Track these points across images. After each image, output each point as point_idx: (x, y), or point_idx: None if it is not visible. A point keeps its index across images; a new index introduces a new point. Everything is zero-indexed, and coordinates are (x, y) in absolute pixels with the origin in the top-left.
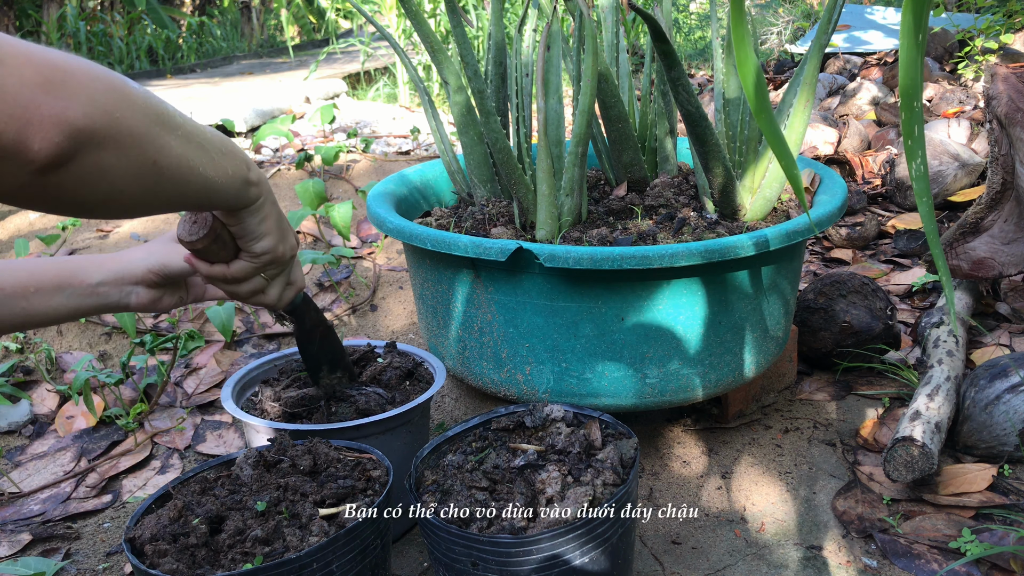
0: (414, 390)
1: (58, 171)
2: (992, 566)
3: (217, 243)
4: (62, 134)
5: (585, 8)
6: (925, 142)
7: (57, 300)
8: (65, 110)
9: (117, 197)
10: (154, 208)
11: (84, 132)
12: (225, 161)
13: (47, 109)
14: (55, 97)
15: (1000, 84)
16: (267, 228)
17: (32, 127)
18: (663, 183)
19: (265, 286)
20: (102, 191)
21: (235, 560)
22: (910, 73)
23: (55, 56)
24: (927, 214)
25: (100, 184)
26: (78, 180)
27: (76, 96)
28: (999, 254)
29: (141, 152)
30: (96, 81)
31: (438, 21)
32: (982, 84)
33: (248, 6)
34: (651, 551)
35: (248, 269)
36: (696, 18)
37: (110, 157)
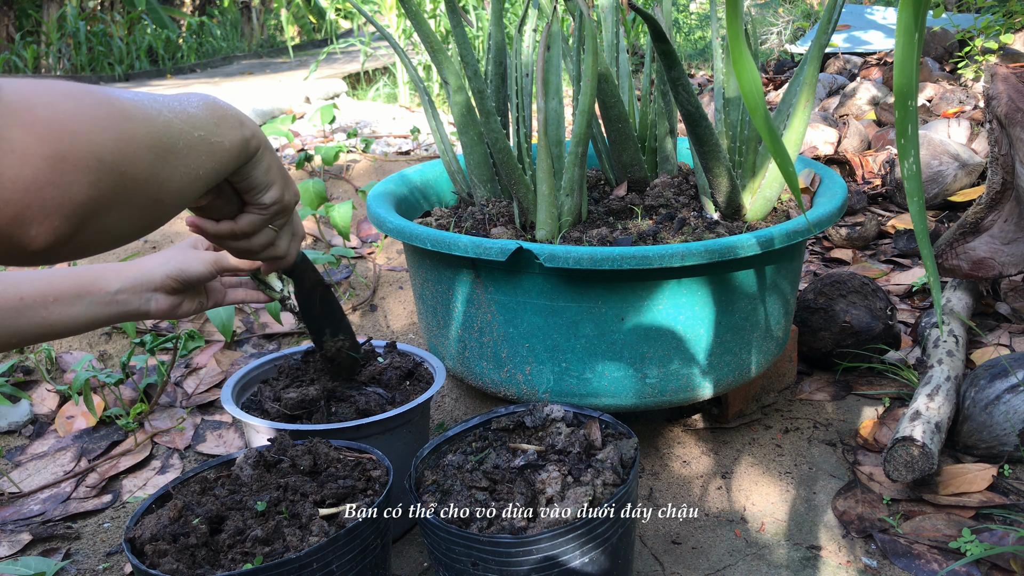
0: (414, 390)
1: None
2: (992, 566)
3: (220, 197)
4: (64, 217)
5: (585, 8)
6: (919, 142)
7: (77, 309)
8: (71, 187)
9: (115, 242)
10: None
11: (89, 205)
12: (222, 135)
13: (51, 191)
14: (62, 173)
15: (1000, 84)
16: (272, 177)
17: (32, 211)
18: (663, 183)
19: (275, 238)
20: (103, 246)
21: (235, 560)
22: (905, 72)
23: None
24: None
25: (101, 242)
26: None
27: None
28: (999, 254)
29: (146, 196)
30: (105, 133)
31: (438, 21)
32: (982, 84)
33: (248, 6)
34: (651, 551)
35: (257, 221)
36: (696, 18)
37: (113, 216)
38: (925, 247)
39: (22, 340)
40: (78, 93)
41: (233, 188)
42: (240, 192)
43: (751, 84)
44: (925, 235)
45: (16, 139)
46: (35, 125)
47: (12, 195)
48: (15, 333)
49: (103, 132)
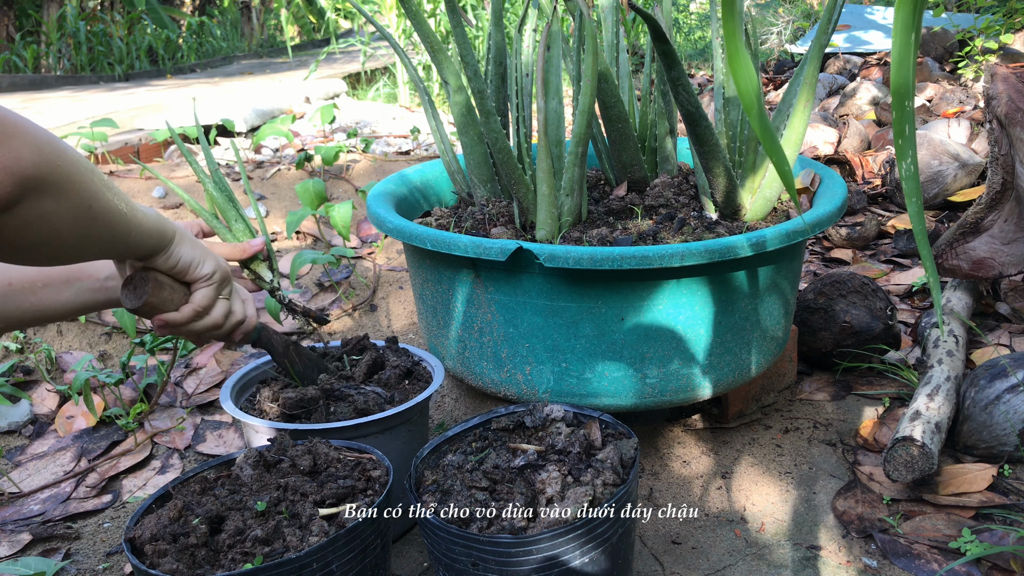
0: (413, 389)
1: (2, 214)
2: (992, 566)
3: (165, 289)
4: (13, 179)
5: (585, 8)
6: (919, 142)
7: (66, 295)
8: (17, 159)
9: (54, 240)
10: (87, 253)
11: (31, 179)
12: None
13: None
14: (7, 148)
15: (1000, 84)
16: (199, 251)
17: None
18: (663, 183)
19: (229, 307)
20: (41, 235)
21: (235, 560)
22: (902, 71)
23: (5, 111)
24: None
25: (40, 228)
26: (21, 224)
27: (26, 146)
28: (999, 254)
29: (78, 197)
30: (40, 132)
31: (438, 21)
32: (982, 84)
33: (248, 6)
34: (651, 551)
35: (210, 293)
36: (696, 18)
37: (51, 203)
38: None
39: (10, 325)
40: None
41: (173, 278)
42: (178, 276)
43: (747, 83)
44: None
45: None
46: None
47: None
48: (2, 318)
49: (41, 132)
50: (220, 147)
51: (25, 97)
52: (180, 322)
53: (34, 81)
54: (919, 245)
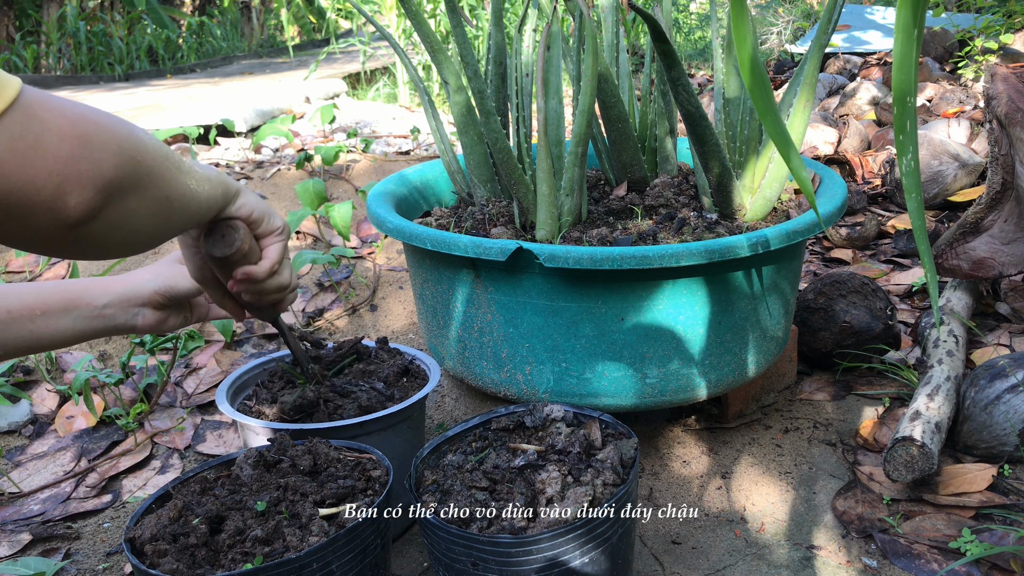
0: (411, 387)
1: (91, 223)
2: (992, 566)
3: (249, 238)
4: (96, 188)
5: (585, 8)
6: (920, 141)
7: (64, 323)
8: (100, 164)
9: (135, 236)
10: (162, 240)
11: (114, 182)
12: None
13: (84, 164)
14: (91, 150)
15: (1000, 84)
16: (266, 205)
17: (70, 182)
18: (663, 183)
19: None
20: (124, 233)
21: (235, 560)
22: (904, 69)
23: (82, 108)
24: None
25: (124, 227)
26: (107, 227)
27: (108, 146)
28: (999, 254)
29: (158, 190)
30: (120, 128)
31: (438, 21)
32: (982, 84)
33: (248, 6)
34: (651, 551)
35: (282, 248)
36: (696, 18)
37: (133, 201)
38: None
39: (8, 353)
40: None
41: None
42: (254, 226)
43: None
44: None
45: (53, 122)
46: (65, 113)
47: (55, 166)
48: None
49: (118, 126)
50: (220, 147)
51: None
52: (261, 277)
53: (34, 81)
54: (918, 241)
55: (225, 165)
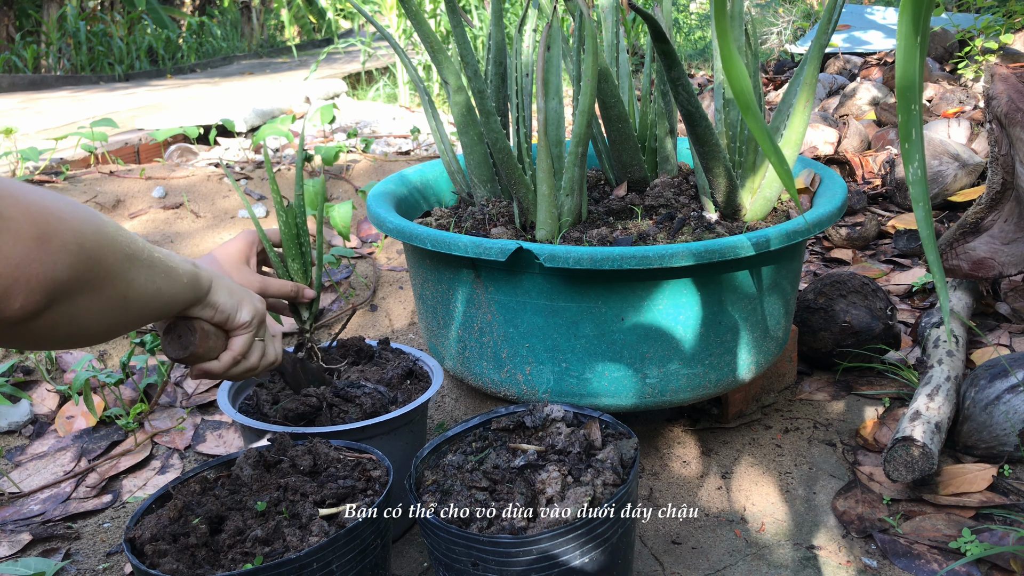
0: (415, 389)
1: (30, 322)
2: (992, 566)
3: (210, 338)
4: (44, 291)
5: (585, 8)
6: (924, 145)
7: None
8: (55, 266)
9: (82, 334)
10: (114, 335)
11: (66, 284)
12: (175, 263)
13: (37, 267)
14: (47, 252)
15: (1000, 84)
16: (237, 296)
17: (18, 285)
18: (663, 183)
19: (263, 348)
20: (71, 331)
21: (235, 560)
22: (908, 74)
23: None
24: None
25: (69, 326)
26: (49, 325)
27: (67, 247)
28: (999, 254)
29: (114, 289)
30: (86, 223)
31: (438, 21)
32: (982, 84)
33: (248, 6)
34: (651, 551)
35: (249, 341)
36: (696, 18)
37: (84, 301)
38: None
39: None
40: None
41: (214, 325)
42: (219, 325)
43: (743, 85)
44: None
45: (12, 219)
46: (28, 208)
47: (4, 268)
48: None
49: (85, 223)
50: (220, 147)
51: (25, 97)
52: (220, 371)
53: (34, 81)
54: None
55: (225, 165)
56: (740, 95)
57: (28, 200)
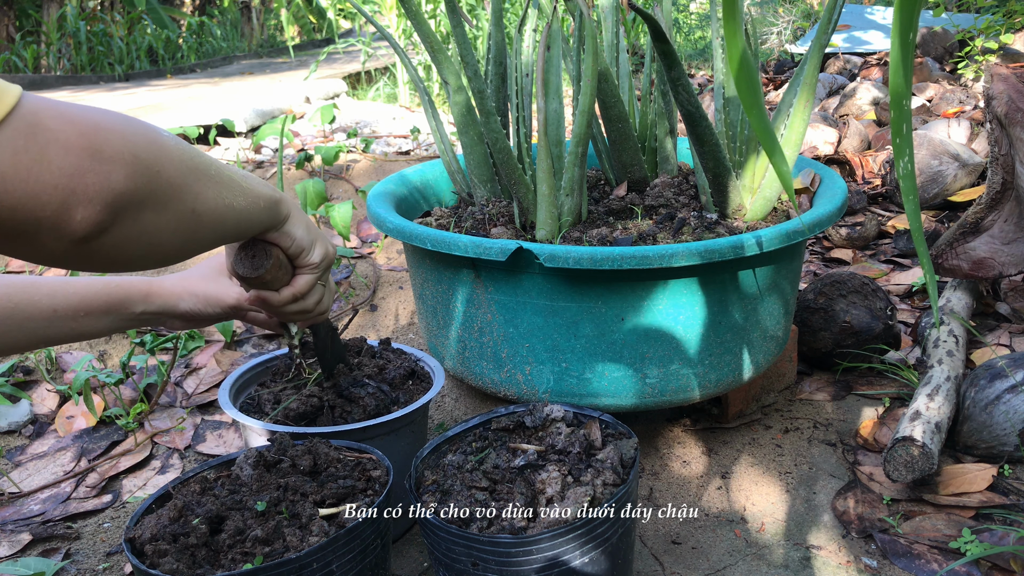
0: (417, 389)
1: (99, 238)
2: (992, 566)
3: (281, 268)
4: (105, 204)
5: (585, 8)
6: (920, 142)
7: (103, 322)
8: (109, 176)
9: (155, 251)
10: (191, 253)
11: (126, 196)
12: (251, 188)
13: (92, 178)
14: (100, 162)
15: (1000, 84)
16: (313, 235)
17: (76, 197)
18: (663, 183)
19: (321, 294)
20: (141, 249)
21: (235, 560)
22: (900, 72)
23: (97, 115)
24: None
25: (140, 242)
26: (118, 243)
27: (120, 157)
28: (999, 254)
29: (181, 203)
30: (138, 137)
31: (438, 21)
32: (982, 84)
33: (248, 6)
34: (651, 551)
35: (312, 280)
36: (696, 18)
37: (150, 215)
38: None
39: (49, 343)
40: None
41: (287, 256)
42: (292, 258)
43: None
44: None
45: (61, 131)
46: (73, 120)
47: (60, 180)
48: (44, 339)
49: (136, 134)
50: (220, 147)
51: None
52: (277, 303)
53: (34, 81)
54: (916, 244)
55: None
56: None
57: (73, 113)
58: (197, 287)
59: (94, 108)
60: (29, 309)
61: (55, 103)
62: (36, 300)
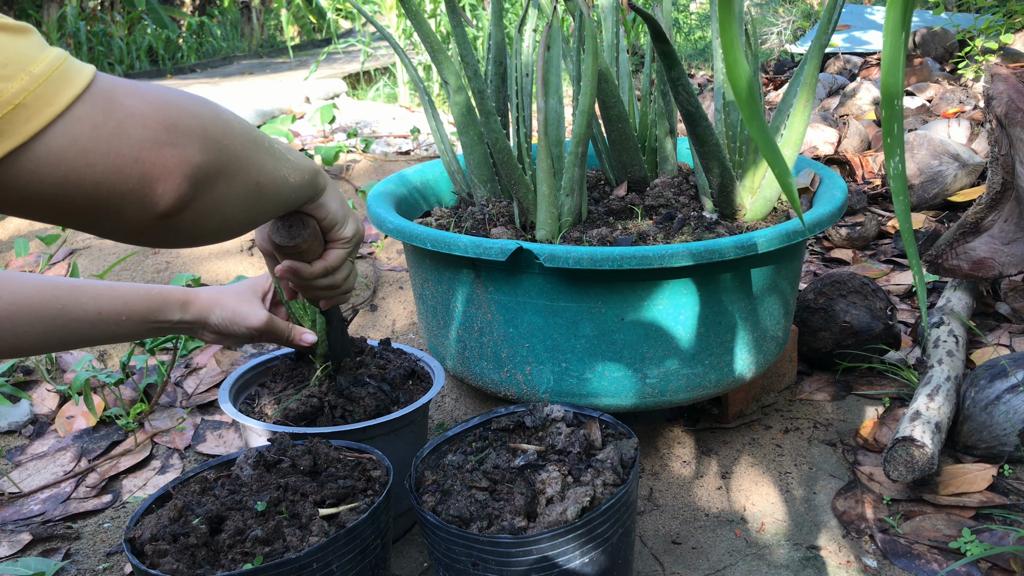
0: (417, 389)
1: (182, 212)
2: (992, 566)
3: (316, 239)
4: (185, 177)
5: (585, 8)
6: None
7: (141, 328)
8: (185, 149)
9: (227, 224)
10: (252, 226)
11: (202, 170)
12: (297, 161)
13: (169, 151)
14: (176, 135)
15: (1000, 84)
16: (346, 211)
17: (157, 171)
18: (663, 183)
19: (349, 271)
20: (217, 222)
21: (235, 560)
22: (892, 71)
23: (165, 92)
24: (903, 212)
25: (216, 215)
26: (197, 217)
27: (194, 133)
28: (999, 254)
29: (247, 175)
30: (205, 111)
31: (438, 21)
32: (982, 84)
33: (248, 6)
34: (651, 551)
35: (343, 255)
36: (696, 18)
37: (223, 188)
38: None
39: (90, 344)
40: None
41: (320, 228)
42: (324, 231)
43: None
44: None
45: (135, 106)
46: (145, 97)
47: (140, 153)
48: (87, 339)
49: (203, 109)
50: None
51: None
52: (308, 275)
53: None
54: (906, 244)
55: None
56: (741, 98)
57: (143, 91)
58: (228, 302)
59: (160, 86)
60: (76, 311)
61: (126, 82)
62: (83, 303)
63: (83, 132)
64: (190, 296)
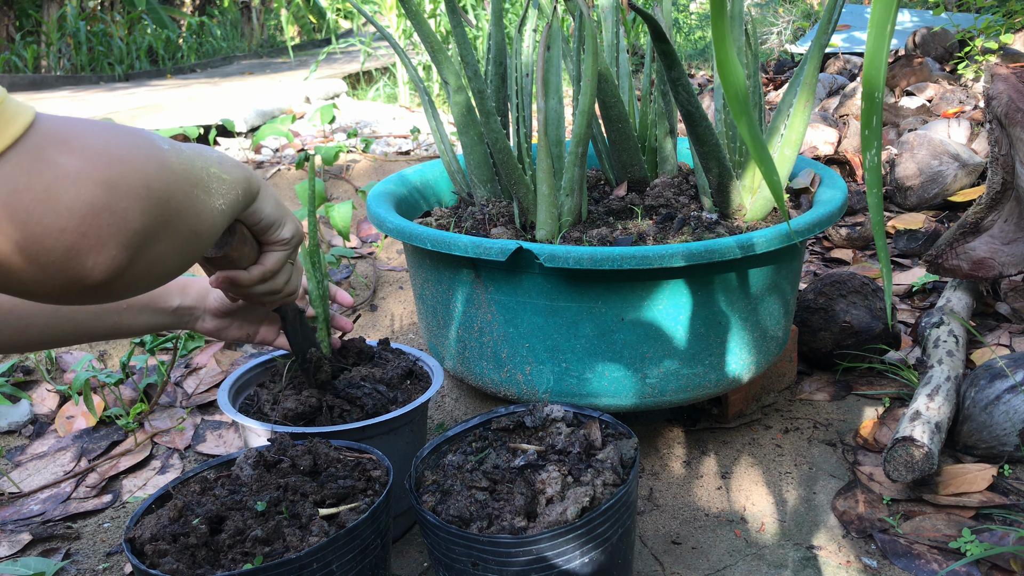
0: (415, 389)
1: (112, 283)
2: (992, 566)
3: (247, 244)
4: (121, 247)
5: (585, 8)
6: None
7: (142, 317)
8: (125, 216)
9: (161, 278)
10: (186, 268)
11: (140, 235)
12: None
13: (107, 218)
14: (117, 198)
15: (1000, 84)
16: (281, 212)
17: (87, 242)
18: (663, 183)
19: (290, 273)
20: (151, 279)
21: (235, 560)
22: (875, 64)
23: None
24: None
25: (150, 274)
26: (131, 280)
27: (135, 193)
28: (999, 254)
29: (186, 226)
30: (149, 163)
31: (438, 21)
32: (982, 84)
33: (248, 6)
34: (651, 551)
35: (282, 257)
36: (696, 18)
37: (161, 247)
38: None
39: (92, 338)
40: (112, 125)
41: (252, 233)
42: (258, 235)
43: (736, 88)
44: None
45: (69, 164)
46: (85, 151)
47: (68, 222)
48: (90, 332)
49: (147, 161)
50: (220, 147)
51: (25, 97)
52: (246, 282)
53: (34, 81)
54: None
55: None
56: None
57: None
58: None
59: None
60: None
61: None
62: None
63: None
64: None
